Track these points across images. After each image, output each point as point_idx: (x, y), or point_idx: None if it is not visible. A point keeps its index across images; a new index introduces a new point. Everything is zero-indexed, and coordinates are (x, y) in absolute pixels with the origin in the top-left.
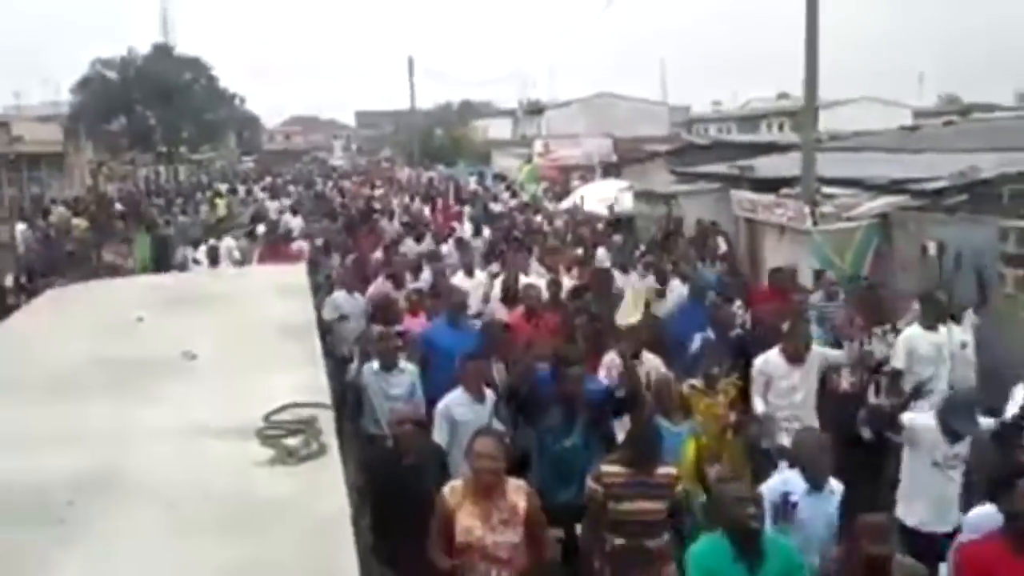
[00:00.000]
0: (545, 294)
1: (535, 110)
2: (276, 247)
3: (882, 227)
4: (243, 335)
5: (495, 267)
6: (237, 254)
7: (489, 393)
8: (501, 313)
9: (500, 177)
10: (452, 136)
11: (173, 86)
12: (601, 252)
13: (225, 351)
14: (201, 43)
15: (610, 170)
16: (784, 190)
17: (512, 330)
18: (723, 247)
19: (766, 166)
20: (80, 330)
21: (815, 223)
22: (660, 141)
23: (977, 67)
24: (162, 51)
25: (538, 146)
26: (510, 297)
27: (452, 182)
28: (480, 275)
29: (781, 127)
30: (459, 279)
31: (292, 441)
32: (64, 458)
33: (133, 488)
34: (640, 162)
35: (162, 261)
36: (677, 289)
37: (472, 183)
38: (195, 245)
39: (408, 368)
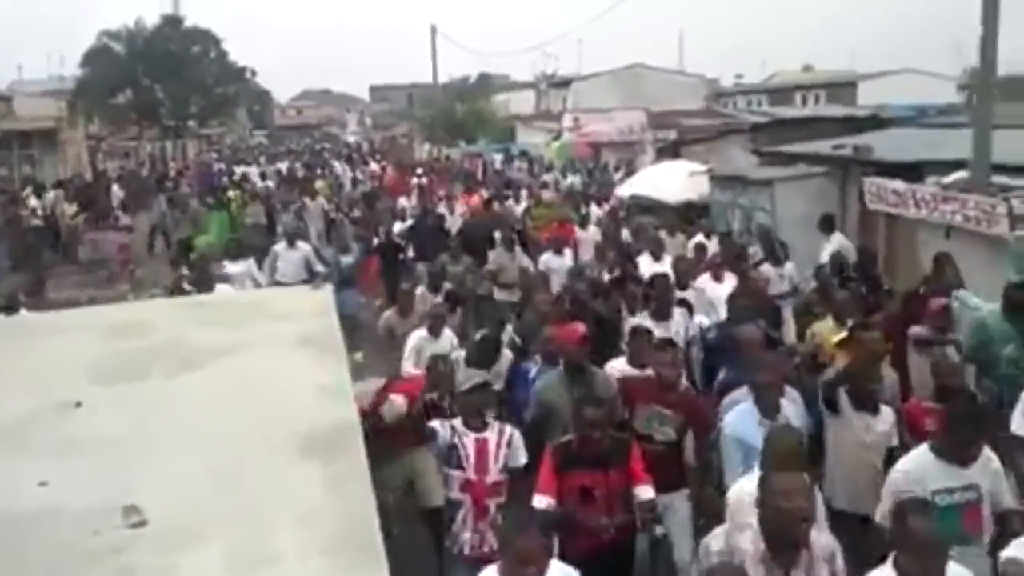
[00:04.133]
0: None
1: (560, 83)
2: None
3: None
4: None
5: None
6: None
7: None
8: None
9: (525, 154)
10: (474, 111)
11: (182, 59)
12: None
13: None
14: (211, 14)
15: (667, 149)
16: (931, 178)
17: None
18: None
19: (886, 145)
20: None
21: (1012, 227)
22: (694, 115)
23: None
24: (171, 22)
25: (567, 120)
26: None
27: (480, 160)
28: None
29: (817, 99)
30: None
31: None
32: None
33: None
34: (707, 140)
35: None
36: None
37: (498, 161)
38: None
39: None
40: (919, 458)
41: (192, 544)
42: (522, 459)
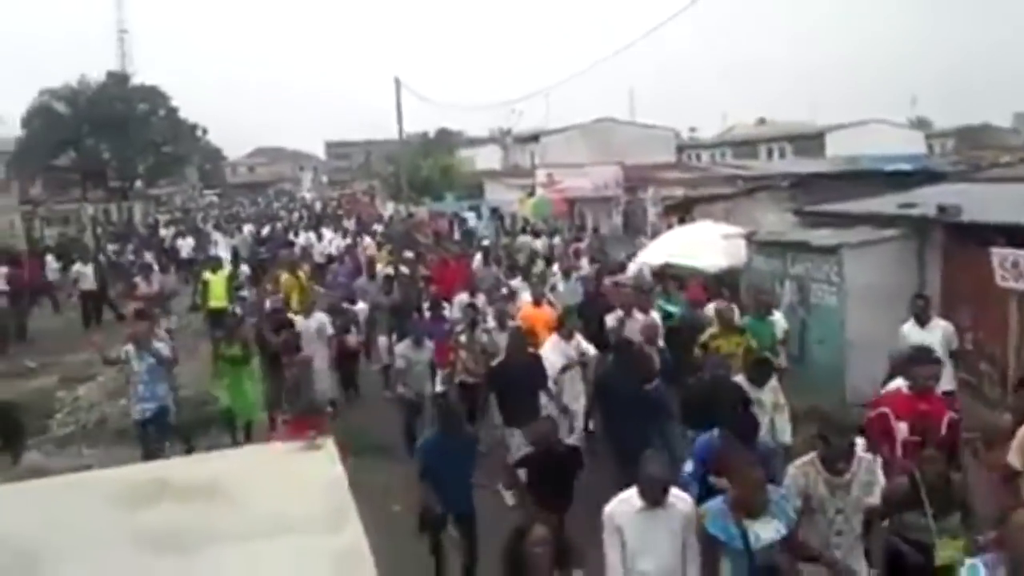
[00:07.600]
0: None
1: (528, 137)
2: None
3: None
4: None
5: None
6: None
7: None
8: None
9: (496, 211)
10: (441, 167)
11: (128, 117)
12: None
13: None
14: (160, 71)
15: (678, 208)
16: None
17: None
18: None
19: (966, 204)
20: None
21: None
22: (667, 168)
23: (969, 90)
24: (117, 80)
25: (541, 176)
26: None
27: (455, 219)
28: None
29: (783, 153)
30: None
31: None
32: None
33: None
34: (728, 197)
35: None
36: None
37: (471, 220)
38: None
39: None
40: None
41: None
42: None
